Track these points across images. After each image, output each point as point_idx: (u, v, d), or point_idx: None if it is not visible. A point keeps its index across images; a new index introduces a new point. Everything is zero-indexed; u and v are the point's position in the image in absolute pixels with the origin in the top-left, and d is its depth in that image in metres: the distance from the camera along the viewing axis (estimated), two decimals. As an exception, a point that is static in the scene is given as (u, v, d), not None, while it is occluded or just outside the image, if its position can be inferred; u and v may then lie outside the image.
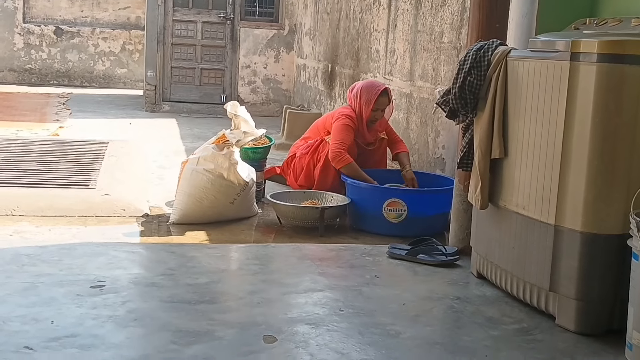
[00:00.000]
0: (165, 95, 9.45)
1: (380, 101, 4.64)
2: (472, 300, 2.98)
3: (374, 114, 4.66)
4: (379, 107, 4.65)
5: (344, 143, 4.54)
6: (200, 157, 4.18)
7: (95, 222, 4.06)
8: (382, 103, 4.66)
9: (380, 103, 4.65)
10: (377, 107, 4.64)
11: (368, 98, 4.63)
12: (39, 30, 12.42)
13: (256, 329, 2.54)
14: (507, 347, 2.53)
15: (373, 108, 4.63)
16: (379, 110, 4.66)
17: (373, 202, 4.09)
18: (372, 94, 4.63)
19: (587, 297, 2.63)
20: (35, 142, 6.10)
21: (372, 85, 4.72)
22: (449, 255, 3.46)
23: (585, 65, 2.56)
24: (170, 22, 9.40)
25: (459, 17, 4.39)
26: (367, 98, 4.63)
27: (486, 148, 3.00)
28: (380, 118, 4.71)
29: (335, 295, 2.96)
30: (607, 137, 2.55)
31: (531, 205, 2.81)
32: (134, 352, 2.33)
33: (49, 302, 2.68)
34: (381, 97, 4.64)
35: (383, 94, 4.65)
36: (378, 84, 4.76)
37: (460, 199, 3.53)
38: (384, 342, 2.50)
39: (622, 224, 2.54)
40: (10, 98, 9.89)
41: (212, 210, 4.12)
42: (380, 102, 4.64)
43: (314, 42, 8.49)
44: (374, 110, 4.64)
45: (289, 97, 9.70)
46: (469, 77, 3.03)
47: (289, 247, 3.71)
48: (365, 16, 6.35)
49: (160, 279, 3.03)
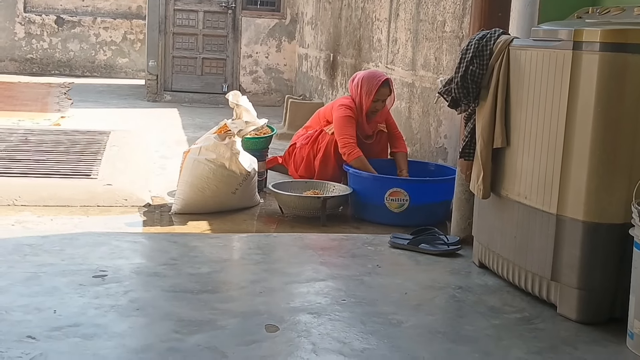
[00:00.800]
0: (167, 84, 9.44)
1: (381, 92, 4.60)
2: (474, 289, 2.99)
3: (374, 105, 4.62)
4: (380, 97, 4.62)
5: (352, 136, 4.51)
6: (202, 146, 4.18)
7: (97, 212, 4.06)
8: (383, 94, 4.62)
9: (381, 94, 4.61)
10: (377, 98, 4.61)
11: (369, 89, 4.59)
12: (40, 19, 12.40)
13: (258, 318, 2.55)
14: (508, 336, 2.54)
15: (374, 99, 4.59)
16: (379, 101, 4.63)
17: (375, 191, 4.09)
18: (373, 84, 4.59)
19: (588, 286, 2.64)
20: (37, 132, 6.10)
21: (374, 75, 4.68)
22: (450, 245, 3.46)
23: (588, 54, 2.55)
24: (171, 11, 9.38)
25: (461, 6, 4.37)
26: (368, 89, 4.59)
27: (488, 137, 3.00)
28: (380, 109, 4.67)
29: (337, 284, 2.97)
30: (609, 126, 2.55)
31: (533, 194, 2.81)
32: (137, 341, 2.34)
33: (52, 291, 2.69)
34: (382, 88, 4.60)
35: (384, 85, 4.61)
36: (379, 74, 4.72)
37: (462, 188, 3.53)
38: (386, 331, 2.51)
39: (624, 213, 2.54)
40: (12, 88, 9.89)
41: (214, 200, 4.13)
42: (381, 92, 4.61)
43: (315, 32, 8.48)
44: (374, 101, 4.60)
45: (290, 86, 9.68)
46: (471, 67, 3.02)
47: (291, 236, 3.72)
48: (367, 5, 6.33)
49: (162, 268, 3.04)
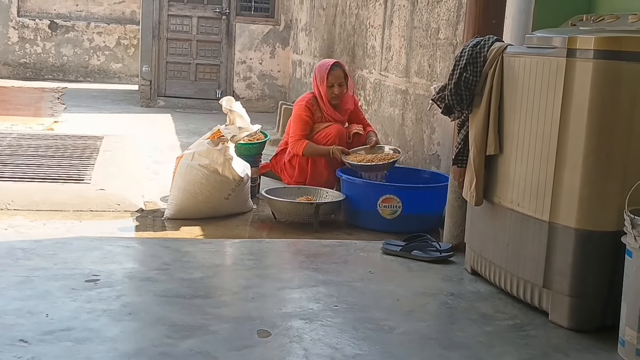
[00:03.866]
0: (160, 90, 9.44)
1: (333, 75, 4.69)
2: (466, 296, 2.99)
3: (331, 90, 4.70)
4: (334, 81, 4.70)
5: (297, 133, 4.66)
6: (195, 152, 4.18)
7: (90, 216, 4.05)
8: (337, 77, 4.70)
9: (334, 77, 4.69)
10: (332, 83, 4.69)
11: (321, 76, 4.71)
12: (34, 24, 12.39)
13: (250, 324, 2.54)
14: (500, 343, 2.54)
15: (328, 84, 4.68)
16: (334, 85, 4.70)
17: (368, 198, 4.09)
18: (324, 70, 4.71)
19: (580, 294, 2.64)
20: (30, 137, 6.08)
21: (323, 63, 4.82)
22: (443, 252, 3.46)
23: (582, 62, 2.56)
24: (165, 16, 9.38)
25: (455, 13, 4.39)
26: (321, 76, 4.71)
27: (481, 144, 3.01)
28: (340, 94, 4.73)
29: (329, 290, 2.96)
30: (602, 133, 2.56)
31: (526, 201, 2.81)
32: (129, 345, 2.33)
33: (44, 295, 2.68)
34: (333, 71, 4.69)
35: (334, 68, 4.70)
36: (329, 60, 4.85)
37: (455, 195, 3.54)
38: (378, 337, 2.51)
39: (616, 220, 2.55)
40: (5, 92, 9.87)
41: (206, 206, 4.12)
42: (333, 76, 4.69)
43: (309, 38, 8.49)
44: (329, 86, 4.69)
45: (284, 93, 9.69)
46: (465, 73, 3.03)
47: (284, 242, 3.72)
48: (362, 12, 6.34)
49: (154, 273, 3.03)
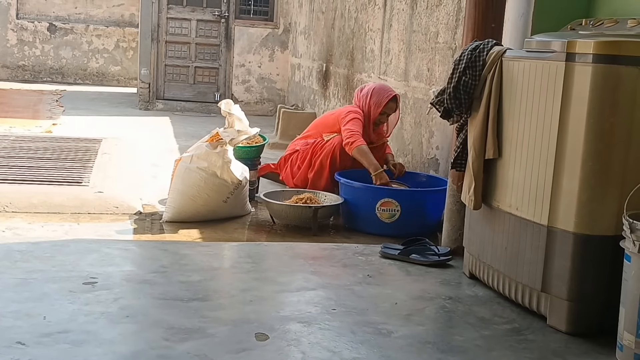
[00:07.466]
0: (159, 93, 9.44)
1: (389, 106, 4.76)
2: (464, 300, 2.99)
3: (380, 118, 4.78)
4: (387, 111, 4.78)
5: (358, 132, 4.62)
6: (194, 155, 4.18)
7: (88, 219, 4.05)
8: (390, 108, 4.78)
9: (388, 107, 4.77)
10: (384, 111, 4.76)
11: (379, 100, 4.74)
12: (33, 26, 12.39)
13: (248, 327, 2.54)
14: (498, 347, 2.53)
15: (381, 111, 4.74)
16: (385, 114, 4.79)
17: (366, 201, 4.09)
18: (383, 97, 4.75)
19: (578, 298, 2.64)
20: (28, 139, 6.08)
21: (384, 88, 4.83)
22: (441, 256, 3.46)
23: (581, 66, 2.56)
24: (164, 19, 9.38)
25: (454, 17, 4.39)
26: (378, 100, 4.74)
27: (480, 148, 3.01)
28: (384, 122, 4.85)
29: (327, 294, 2.96)
30: (601, 138, 2.55)
31: (524, 205, 2.81)
32: (127, 348, 2.33)
33: (42, 298, 2.68)
34: (391, 102, 4.76)
35: (393, 100, 4.77)
36: (390, 89, 4.86)
37: (453, 199, 3.54)
38: (376, 340, 2.50)
39: (615, 224, 2.55)
40: (3, 94, 9.87)
41: (205, 209, 4.12)
42: (388, 106, 4.76)
43: (308, 42, 8.49)
44: (381, 113, 4.76)
45: (283, 96, 9.69)
46: (464, 77, 3.03)
47: (282, 245, 3.71)
48: (361, 15, 6.35)
49: (152, 276, 3.03)
